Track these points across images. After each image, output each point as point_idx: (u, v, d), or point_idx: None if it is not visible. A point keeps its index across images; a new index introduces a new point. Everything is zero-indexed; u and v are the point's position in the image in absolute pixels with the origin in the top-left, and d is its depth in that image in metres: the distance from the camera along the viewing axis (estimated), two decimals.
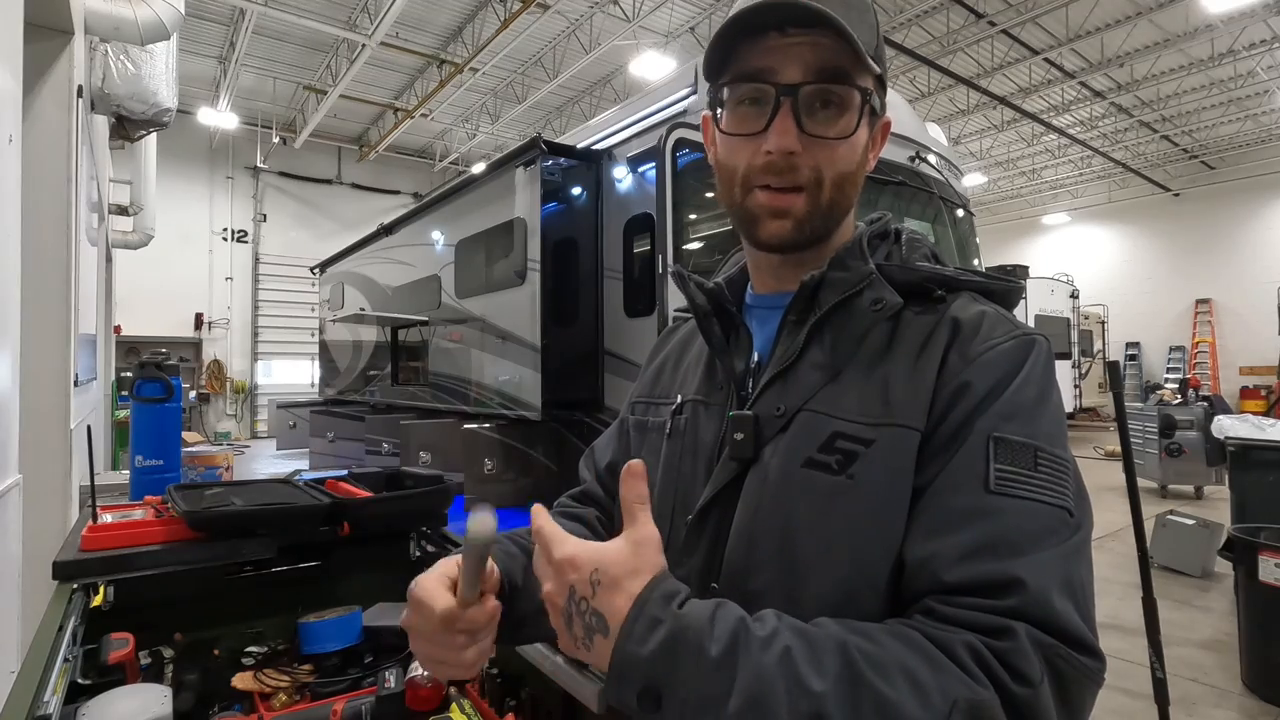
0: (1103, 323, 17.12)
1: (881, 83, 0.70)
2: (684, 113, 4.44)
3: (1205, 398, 8.39)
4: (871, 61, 0.66)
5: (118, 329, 12.36)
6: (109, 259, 9.54)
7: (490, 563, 0.66)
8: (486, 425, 5.59)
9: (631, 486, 0.57)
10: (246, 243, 16.27)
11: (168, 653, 1.28)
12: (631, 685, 0.49)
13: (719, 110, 0.72)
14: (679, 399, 0.82)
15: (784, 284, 0.76)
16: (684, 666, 0.48)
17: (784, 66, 0.66)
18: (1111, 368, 2.63)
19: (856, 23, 0.65)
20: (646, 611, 0.50)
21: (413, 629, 0.63)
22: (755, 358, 0.76)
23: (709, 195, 4.48)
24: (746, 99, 0.68)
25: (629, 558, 0.54)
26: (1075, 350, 14.53)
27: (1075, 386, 14.48)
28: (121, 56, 4.71)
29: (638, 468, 0.57)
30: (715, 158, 0.75)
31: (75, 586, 1.21)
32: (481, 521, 0.55)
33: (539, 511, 0.59)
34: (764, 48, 0.66)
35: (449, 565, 0.65)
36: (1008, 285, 0.73)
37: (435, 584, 0.63)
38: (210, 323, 15.69)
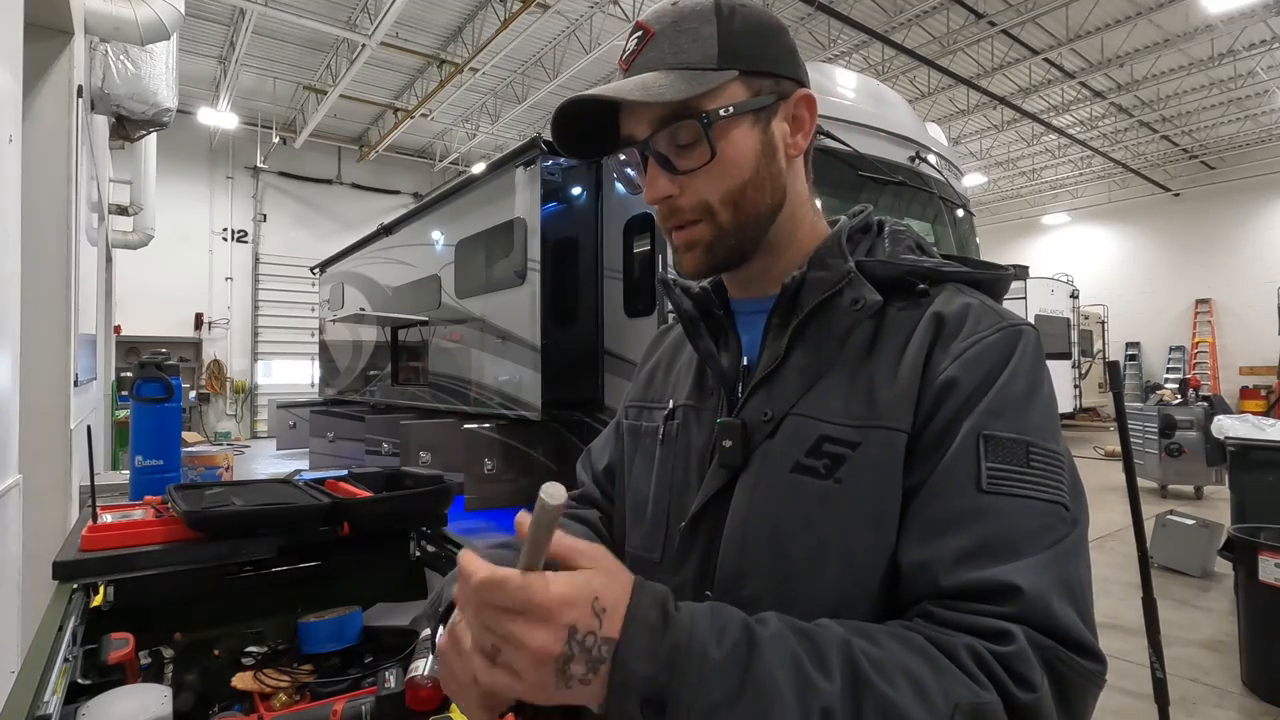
0: (1103, 323, 17.12)
1: (759, 72, 0.69)
2: None
3: (1205, 398, 8.39)
4: (718, 72, 0.66)
5: (118, 329, 12.37)
6: (109, 259, 9.55)
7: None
8: (486, 425, 5.59)
9: (558, 541, 0.49)
10: (246, 243, 16.27)
11: (168, 653, 1.28)
12: (634, 697, 0.46)
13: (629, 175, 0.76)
14: (671, 404, 0.81)
15: (751, 290, 0.77)
16: (688, 672, 0.47)
17: (636, 127, 0.69)
18: (1111, 368, 2.62)
19: (685, 48, 0.66)
20: (641, 620, 0.48)
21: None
22: (744, 361, 0.75)
23: None
24: (633, 162, 0.73)
25: (612, 575, 0.49)
26: (1075, 350, 14.53)
27: (1075, 386, 14.48)
28: (121, 56, 4.71)
29: (522, 519, 0.50)
30: None
31: (75, 586, 1.21)
32: (554, 487, 0.47)
33: (472, 561, 0.48)
34: (624, 113, 0.70)
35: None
36: (993, 275, 0.72)
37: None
38: (210, 323, 15.69)
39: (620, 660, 0.46)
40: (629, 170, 0.75)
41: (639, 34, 0.70)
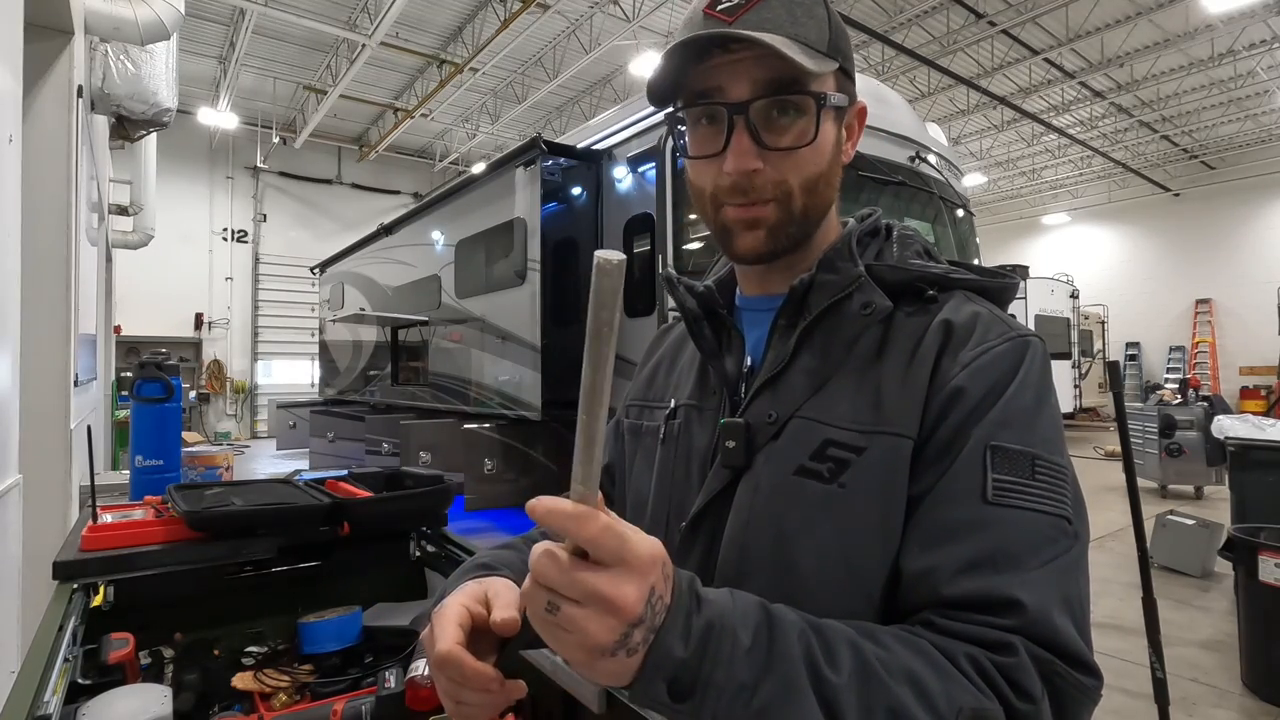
0: (1103, 323, 17.12)
1: (845, 72, 0.69)
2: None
3: (1205, 398, 8.38)
4: (826, 58, 0.65)
5: (118, 329, 12.36)
6: (109, 259, 9.54)
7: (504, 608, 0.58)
8: (486, 425, 5.59)
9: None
10: (246, 243, 16.27)
11: (168, 653, 1.28)
12: (662, 679, 0.45)
13: (681, 133, 0.71)
14: (673, 403, 0.81)
15: (770, 287, 0.75)
16: (721, 654, 0.46)
17: (732, 84, 0.65)
18: (1111, 368, 2.62)
19: (803, 21, 0.64)
20: (681, 602, 0.47)
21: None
22: (748, 361, 0.75)
23: None
24: (703, 119, 0.68)
25: (660, 544, 0.48)
26: (1075, 350, 14.53)
27: (1075, 386, 14.49)
28: (121, 56, 4.71)
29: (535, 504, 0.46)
30: (688, 177, 0.74)
31: (75, 586, 1.21)
32: (609, 253, 0.43)
33: (584, 511, 0.44)
34: (710, 67, 0.65)
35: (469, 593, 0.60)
36: (1002, 283, 0.72)
37: (451, 618, 0.56)
38: (210, 323, 15.69)
39: (659, 642, 0.45)
40: (700, 126, 0.68)
41: None
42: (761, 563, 0.65)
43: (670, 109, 0.71)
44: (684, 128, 0.70)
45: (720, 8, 0.64)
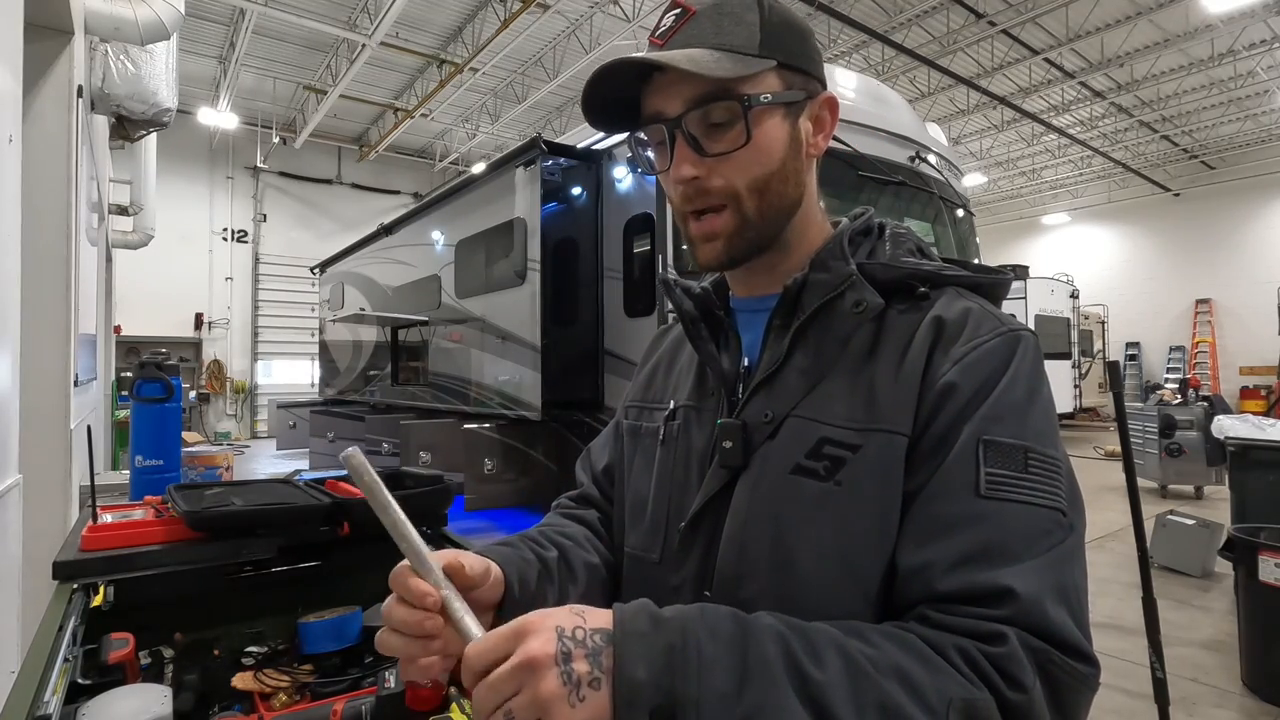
0: (1103, 323, 17.12)
1: (791, 67, 0.69)
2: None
3: (1205, 398, 8.38)
4: (758, 59, 0.66)
5: (118, 329, 12.36)
6: (109, 259, 9.54)
7: (477, 565, 0.63)
8: (486, 425, 5.59)
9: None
10: (246, 243, 16.27)
11: (168, 653, 1.27)
12: (642, 710, 0.46)
13: (646, 154, 0.74)
14: (671, 404, 0.81)
15: (755, 289, 0.76)
16: (689, 668, 0.47)
17: (667, 103, 0.68)
18: (1111, 368, 2.62)
19: (730, 30, 0.66)
20: (631, 630, 0.48)
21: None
22: (745, 362, 0.75)
23: None
24: (654, 141, 0.72)
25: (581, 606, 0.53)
26: (1075, 350, 14.53)
27: (1075, 386, 14.48)
28: (121, 56, 4.71)
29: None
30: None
31: (75, 586, 1.21)
32: (352, 454, 0.53)
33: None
34: (651, 91, 0.69)
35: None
36: (994, 279, 0.72)
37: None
38: (210, 323, 15.69)
39: (620, 671, 0.47)
40: (648, 151, 0.73)
41: (678, 11, 0.69)
42: (760, 561, 0.65)
43: (628, 133, 0.75)
44: (649, 149, 0.74)
45: (657, 34, 0.69)
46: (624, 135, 0.76)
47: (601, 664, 0.47)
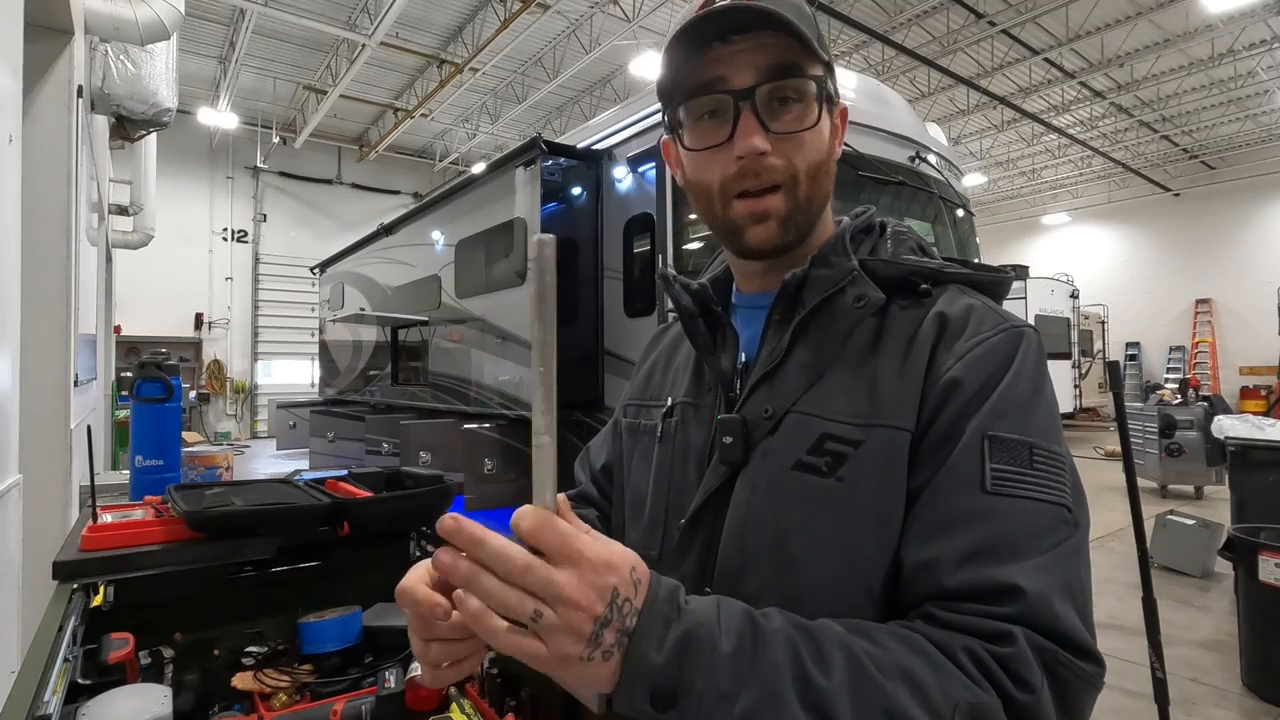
0: (1103, 323, 17.12)
1: (830, 69, 0.70)
2: None
3: (1205, 398, 8.39)
4: (819, 49, 0.67)
5: (118, 329, 12.36)
6: (109, 259, 9.54)
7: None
8: (486, 425, 5.59)
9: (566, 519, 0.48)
10: (246, 243, 16.27)
11: (168, 653, 1.27)
12: (644, 687, 0.46)
13: (679, 132, 0.71)
14: (669, 401, 0.81)
15: (771, 283, 0.75)
16: (700, 662, 0.47)
17: (734, 73, 0.66)
18: (1111, 368, 2.62)
19: (794, 16, 0.65)
20: (658, 610, 0.48)
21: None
22: (742, 358, 0.75)
23: None
24: (706, 113, 0.68)
25: (630, 553, 0.49)
26: (1075, 350, 14.52)
27: (1075, 386, 14.48)
28: (121, 56, 4.71)
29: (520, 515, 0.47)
30: (685, 178, 0.74)
31: (75, 586, 1.21)
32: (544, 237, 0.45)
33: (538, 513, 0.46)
34: (709, 59, 0.66)
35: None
36: (995, 277, 0.72)
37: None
38: (210, 323, 15.69)
39: (635, 648, 0.46)
40: (703, 119, 0.69)
41: None
42: (760, 558, 0.65)
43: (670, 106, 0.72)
44: (681, 128, 0.71)
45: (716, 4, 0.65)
46: (643, 117, 0.71)
47: (622, 643, 0.46)
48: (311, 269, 12.10)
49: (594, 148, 5.35)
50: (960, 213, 5.46)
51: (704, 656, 0.47)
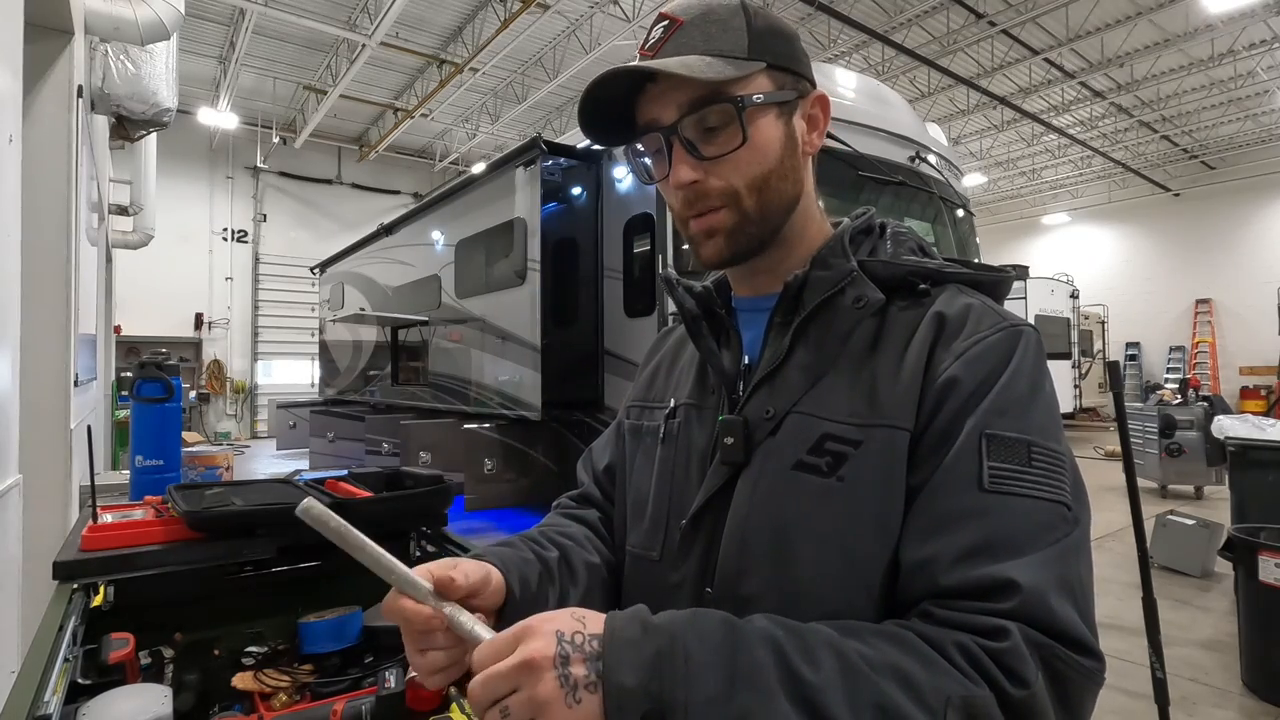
0: (1103, 323, 17.12)
1: (781, 68, 0.70)
2: None
3: (1205, 398, 8.37)
4: (748, 62, 0.67)
5: (118, 329, 12.36)
6: (109, 259, 9.54)
7: (484, 571, 0.65)
8: (486, 425, 5.59)
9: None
10: (246, 243, 16.27)
11: (168, 653, 1.27)
12: (632, 713, 0.46)
13: (644, 164, 0.75)
14: (672, 403, 0.82)
15: (758, 287, 0.77)
16: (675, 673, 0.47)
17: (662, 111, 0.69)
18: (1111, 368, 2.62)
19: (718, 36, 0.67)
20: (620, 635, 0.49)
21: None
22: (745, 360, 0.76)
23: None
24: (651, 150, 0.72)
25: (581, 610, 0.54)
26: (1075, 350, 14.53)
27: (1075, 386, 14.48)
28: (121, 56, 4.71)
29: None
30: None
31: (75, 586, 1.21)
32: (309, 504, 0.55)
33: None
34: (646, 101, 0.70)
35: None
36: (995, 276, 0.72)
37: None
38: (210, 323, 15.68)
39: (609, 678, 0.47)
40: (645, 160, 0.74)
41: (666, 23, 0.70)
42: (761, 558, 0.65)
43: (624, 145, 0.76)
44: (646, 159, 0.74)
45: (647, 46, 0.70)
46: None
47: (599, 669, 0.48)
48: (311, 269, 12.11)
49: (594, 148, 5.35)
50: (960, 213, 5.47)
51: (679, 668, 0.47)
